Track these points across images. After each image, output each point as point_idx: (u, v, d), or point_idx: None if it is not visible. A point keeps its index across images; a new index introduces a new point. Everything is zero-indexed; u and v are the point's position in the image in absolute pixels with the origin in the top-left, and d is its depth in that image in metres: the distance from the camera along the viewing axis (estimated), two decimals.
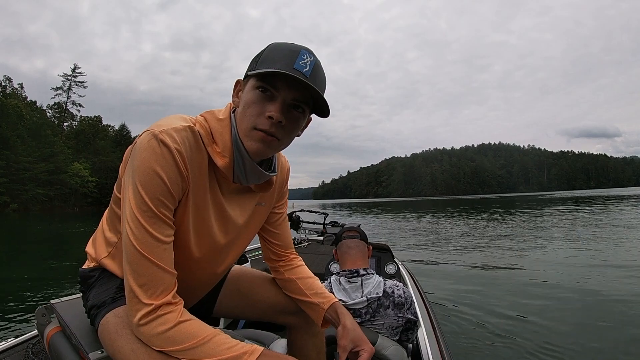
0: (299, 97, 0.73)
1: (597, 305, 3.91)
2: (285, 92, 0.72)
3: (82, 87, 59.77)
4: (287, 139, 0.77)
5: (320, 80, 0.75)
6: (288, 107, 0.73)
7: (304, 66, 0.70)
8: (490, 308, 3.89)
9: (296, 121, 0.76)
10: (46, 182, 44.20)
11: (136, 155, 0.68)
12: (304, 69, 0.70)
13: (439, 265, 6.68)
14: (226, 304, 1.09)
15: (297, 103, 0.73)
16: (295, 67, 0.69)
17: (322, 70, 0.76)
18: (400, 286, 1.41)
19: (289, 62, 0.70)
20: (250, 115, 0.73)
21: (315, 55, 0.73)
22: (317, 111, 0.79)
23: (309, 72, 0.71)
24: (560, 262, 6.33)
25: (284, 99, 0.72)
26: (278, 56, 0.71)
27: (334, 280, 1.44)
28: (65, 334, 0.88)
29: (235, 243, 0.92)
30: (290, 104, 0.73)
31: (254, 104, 0.72)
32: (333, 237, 3.74)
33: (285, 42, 0.75)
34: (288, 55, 0.71)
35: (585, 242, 8.53)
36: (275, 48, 0.73)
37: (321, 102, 0.75)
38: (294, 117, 0.75)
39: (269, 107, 0.72)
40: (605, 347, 2.83)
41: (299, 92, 0.72)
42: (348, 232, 1.54)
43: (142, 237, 0.67)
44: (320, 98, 0.73)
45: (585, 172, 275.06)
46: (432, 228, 13.96)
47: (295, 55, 0.71)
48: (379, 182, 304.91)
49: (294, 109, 0.74)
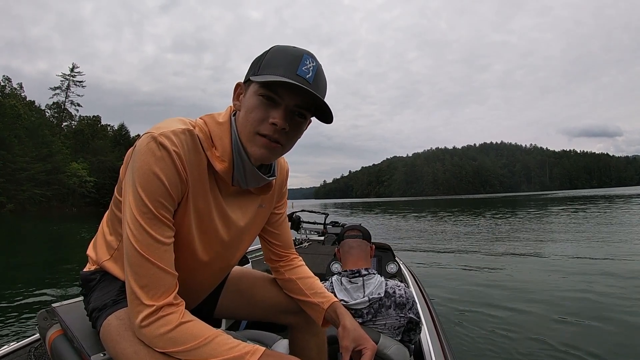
0: (302, 103, 0.73)
1: (601, 305, 3.81)
2: (288, 99, 0.71)
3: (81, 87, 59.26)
4: (289, 145, 0.78)
5: (322, 85, 0.75)
6: (291, 113, 0.73)
7: (307, 72, 0.71)
8: (493, 308, 3.84)
9: (298, 127, 0.76)
10: (44, 182, 43.78)
11: (136, 158, 0.69)
12: (307, 75, 0.71)
13: (441, 264, 6.63)
14: (227, 305, 1.09)
15: (300, 110, 0.73)
16: (298, 74, 0.70)
17: (323, 74, 0.76)
18: (401, 286, 1.39)
19: (292, 68, 0.70)
20: (253, 120, 0.72)
21: (316, 60, 0.74)
22: (320, 116, 0.78)
23: (312, 77, 0.71)
24: (565, 263, 6.22)
25: (287, 106, 0.72)
26: (281, 61, 0.71)
27: (336, 280, 1.43)
28: (67, 337, 0.88)
29: (237, 245, 0.92)
30: (293, 110, 0.73)
31: (256, 109, 0.72)
32: (334, 237, 3.78)
33: (287, 46, 0.74)
34: (291, 61, 0.71)
35: (590, 242, 8.35)
36: (278, 52, 0.73)
37: (324, 108, 0.74)
38: (296, 123, 0.75)
39: (273, 114, 0.71)
40: (608, 348, 2.78)
41: (302, 99, 0.72)
42: (350, 231, 1.51)
43: (142, 238, 0.67)
44: (323, 104, 0.73)
45: (588, 172, 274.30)
46: (434, 228, 13.88)
47: (298, 60, 0.71)
48: (380, 181, 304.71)
49: (297, 115, 0.74)
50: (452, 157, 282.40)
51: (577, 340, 2.92)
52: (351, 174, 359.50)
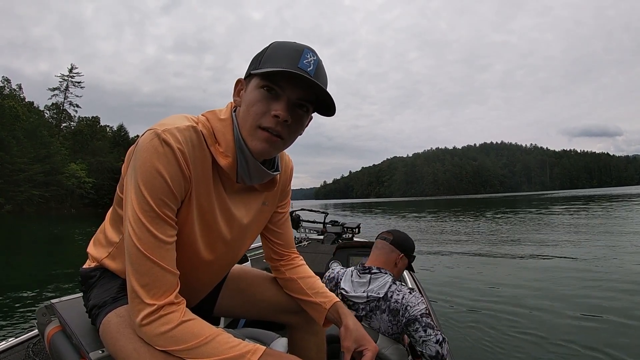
0: (304, 95, 0.72)
1: (601, 305, 3.78)
2: (290, 91, 0.71)
3: (79, 88, 59.15)
4: (291, 139, 0.77)
5: (324, 80, 0.74)
6: (293, 106, 0.73)
7: (308, 65, 0.70)
8: (492, 307, 3.83)
9: (300, 120, 0.76)
10: (42, 183, 43.57)
11: (138, 155, 0.67)
12: (308, 68, 0.70)
13: (441, 265, 6.58)
14: (227, 303, 1.09)
15: (301, 102, 0.73)
16: (299, 66, 0.69)
17: (324, 69, 0.76)
18: (402, 292, 1.32)
19: (293, 61, 0.69)
20: (255, 113, 0.72)
21: (317, 54, 0.73)
22: (322, 110, 0.78)
23: (313, 70, 0.71)
24: (565, 263, 6.15)
25: (289, 98, 0.71)
26: (282, 55, 0.71)
27: (349, 270, 1.48)
28: (65, 334, 0.88)
29: (239, 243, 0.91)
30: (295, 102, 0.73)
31: (258, 102, 0.71)
32: (333, 236, 3.80)
33: (287, 41, 0.74)
34: (292, 54, 0.70)
35: (591, 242, 8.23)
36: (279, 47, 0.73)
37: (326, 101, 0.74)
38: (298, 116, 0.75)
39: (275, 106, 0.71)
40: (609, 348, 2.75)
41: (304, 90, 0.72)
42: (385, 233, 1.53)
43: (144, 237, 0.66)
44: (325, 95, 0.73)
45: (588, 171, 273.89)
46: (434, 228, 13.86)
47: (299, 54, 0.70)
48: (380, 182, 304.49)
49: (299, 107, 0.74)
50: (452, 157, 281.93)
51: (578, 340, 2.91)
52: (351, 175, 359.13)
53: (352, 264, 2.45)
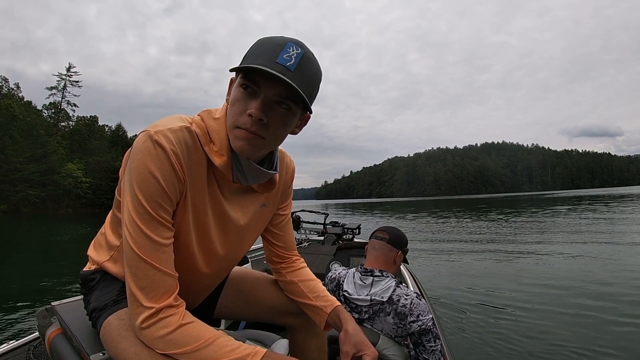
0: (282, 93, 0.67)
1: (604, 306, 3.72)
2: (266, 89, 0.67)
3: (77, 87, 58.76)
4: (273, 138, 0.72)
5: (308, 74, 0.69)
6: (271, 103, 0.69)
7: (289, 59, 0.66)
8: (494, 308, 3.82)
9: (281, 118, 0.71)
10: (38, 183, 43.18)
11: (133, 158, 0.67)
12: (288, 62, 0.66)
13: (441, 264, 6.55)
14: (227, 305, 1.08)
15: (280, 99, 0.68)
16: (277, 62, 0.65)
17: (312, 62, 0.70)
18: (410, 296, 1.33)
19: (271, 56, 0.66)
20: (234, 113, 0.70)
21: (304, 47, 0.69)
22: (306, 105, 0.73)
23: (294, 65, 0.66)
24: (569, 263, 6.02)
25: (266, 96, 0.68)
26: (261, 51, 0.68)
27: (352, 272, 1.47)
28: (66, 336, 0.87)
29: (237, 245, 0.90)
30: (273, 100, 0.68)
31: (237, 102, 0.70)
32: (333, 237, 3.80)
33: (273, 36, 0.70)
34: (272, 49, 0.67)
35: (593, 242, 8.09)
36: (262, 42, 0.70)
37: (301, 97, 0.67)
38: (278, 114, 0.70)
39: (251, 104, 0.68)
40: (609, 347, 2.74)
41: (282, 87, 0.67)
42: (379, 232, 1.49)
43: (140, 240, 0.66)
44: (305, 93, 0.68)
45: (590, 171, 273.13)
46: (434, 228, 13.69)
47: (280, 48, 0.67)
48: (381, 182, 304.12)
49: (279, 105, 0.69)
50: (453, 157, 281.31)
51: (578, 340, 2.91)
52: (352, 175, 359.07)
53: (352, 264, 2.42)
